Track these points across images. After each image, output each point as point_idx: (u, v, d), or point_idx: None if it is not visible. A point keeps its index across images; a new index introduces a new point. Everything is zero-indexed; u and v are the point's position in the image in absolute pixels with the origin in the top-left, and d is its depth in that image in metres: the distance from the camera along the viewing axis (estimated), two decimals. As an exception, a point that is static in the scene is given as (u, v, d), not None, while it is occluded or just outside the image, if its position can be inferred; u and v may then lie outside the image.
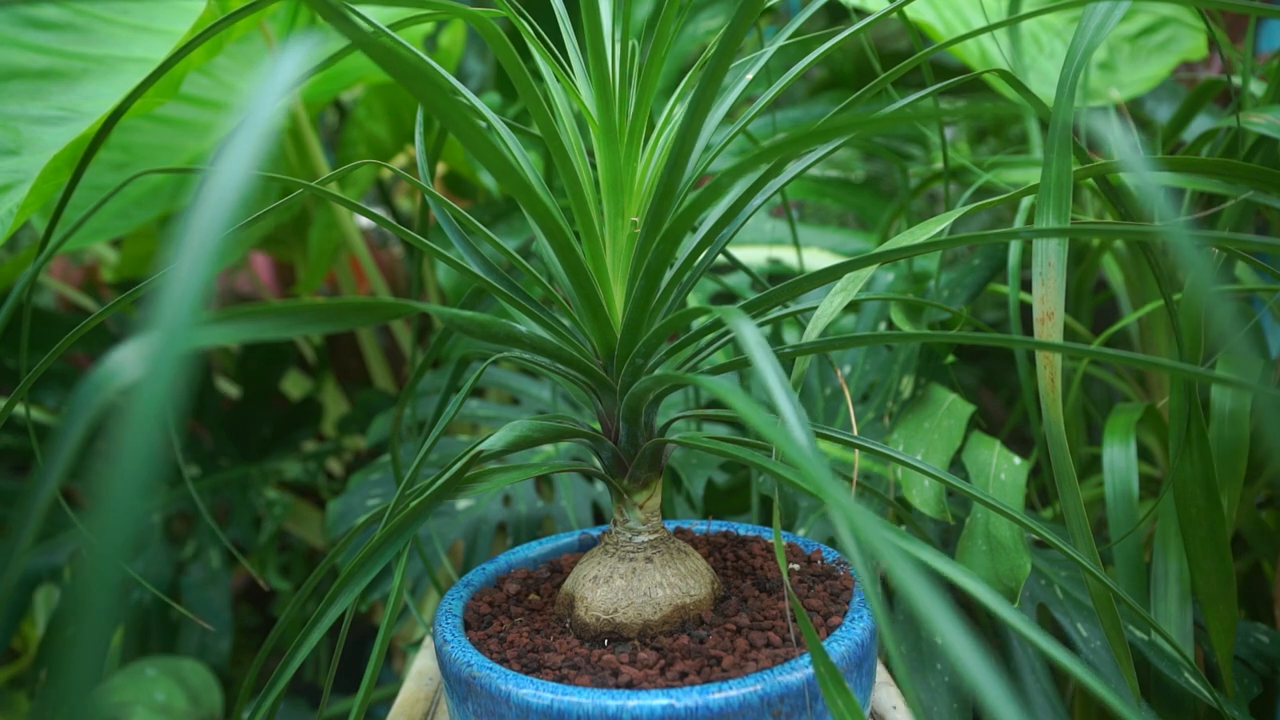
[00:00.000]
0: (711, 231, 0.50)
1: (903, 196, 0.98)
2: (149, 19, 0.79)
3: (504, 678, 0.45)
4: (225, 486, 1.22)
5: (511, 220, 1.06)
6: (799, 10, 0.54)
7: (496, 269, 0.54)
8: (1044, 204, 0.45)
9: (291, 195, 0.52)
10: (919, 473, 0.64)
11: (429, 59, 0.49)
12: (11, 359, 1.16)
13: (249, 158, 0.20)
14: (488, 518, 0.86)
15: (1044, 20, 1.05)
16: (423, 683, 0.67)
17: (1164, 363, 0.38)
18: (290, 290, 1.65)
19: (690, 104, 0.38)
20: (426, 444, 0.51)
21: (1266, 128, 0.60)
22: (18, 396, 0.44)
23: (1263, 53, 1.12)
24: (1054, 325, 0.45)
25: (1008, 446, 0.70)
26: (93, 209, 0.49)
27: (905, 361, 0.85)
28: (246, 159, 0.20)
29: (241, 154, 0.20)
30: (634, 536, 0.53)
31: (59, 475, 0.21)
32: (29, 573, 1.05)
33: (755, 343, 0.32)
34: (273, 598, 1.36)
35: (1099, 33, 0.47)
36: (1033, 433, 0.70)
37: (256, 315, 0.28)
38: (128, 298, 0.43)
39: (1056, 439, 0.46)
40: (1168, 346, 0.89)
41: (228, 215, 0.19)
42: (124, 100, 0.48)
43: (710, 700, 0.42)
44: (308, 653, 0.44)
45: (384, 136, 1.20)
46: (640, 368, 0.48)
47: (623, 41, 0.49)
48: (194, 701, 0.98)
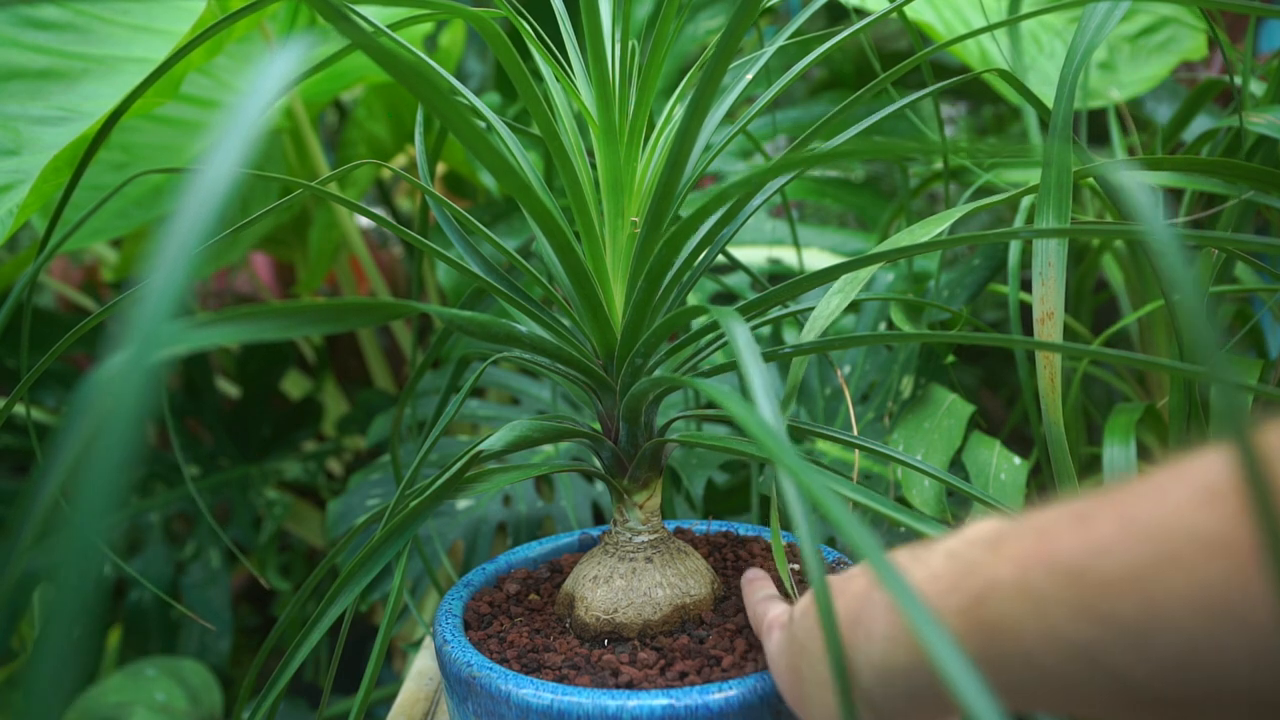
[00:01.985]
0: (711, 231, 0.50)
1: (903, 196, 0.98)
2: (149, 19, 0.79)
3: (504, 678, 0.45)
4: (225, 486, 1.22)
5: (511, 220, 1.06)
6: (799, 10, 0.54)
7: (496, 269, 0.54)
8: (1044, 204, 0.45)
9: (291, 195, 0.52)
10: (919, 473, 0.64)
11: (429, 59, 0.49)
12: (11, 359, 1.17)
13: (234, 158, 0.20)
14: (488, 518, 0.86)
15: (1044, 20, 1.05)
16: (423, 683, 0.67)
17: (1164, 363, 0.38)
18: (290, 290, 1.65)
19: (690, 104, 0.38)
20: (426, 444, 0.51)
21: (1266, 128, 0.60)
22: (17, 396, 0.44)
23: (1263, 53, 1.12)
24: (1054, 325, 0.45)
25: (1008, 446, 0.70)
26: (93, 209, 0.49)
27: (905, 361, 0.85)
28: (231, 159, 0.20)
29: (226, 154, 0.20)
30: (634, 536, 0.53)
31: (59, 475, 0.21)
32: (29, 573, 1.05)
33: (745, 345, 0.32)
34: (273, 598, 1.36)
35: (1099, 33, 0.47)
36: (1033, 433, 0.70)
37: (257, 315, 0.28)
38: (128, 297, 0.43)
39: (1056, 439, 0.46)
40: (1168, 346, 0.89)
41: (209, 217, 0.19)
42: (124, 100, 0.48)
43: (710, 700, 0.42)
44: (308, 653, 0.44)
45: (384, 136, 1.20)
46: (640, 368, 0.48)
47: (623, 41, 0.49)
48: (194, 701, 0.98)
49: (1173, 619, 0.23)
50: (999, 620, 0.27)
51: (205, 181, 0.20)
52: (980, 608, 0.28)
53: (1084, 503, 0.26)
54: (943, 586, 0.29)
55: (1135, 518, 0.24)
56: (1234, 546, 0.22)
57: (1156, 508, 0.24)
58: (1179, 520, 0.24)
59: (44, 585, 1.06)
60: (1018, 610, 0.27)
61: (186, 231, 0.19)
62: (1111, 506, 0.25)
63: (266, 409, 1.29)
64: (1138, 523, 0.24)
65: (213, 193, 0.19)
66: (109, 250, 1.49)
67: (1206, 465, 0.24)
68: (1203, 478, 0.24)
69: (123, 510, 1.14)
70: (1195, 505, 0.23)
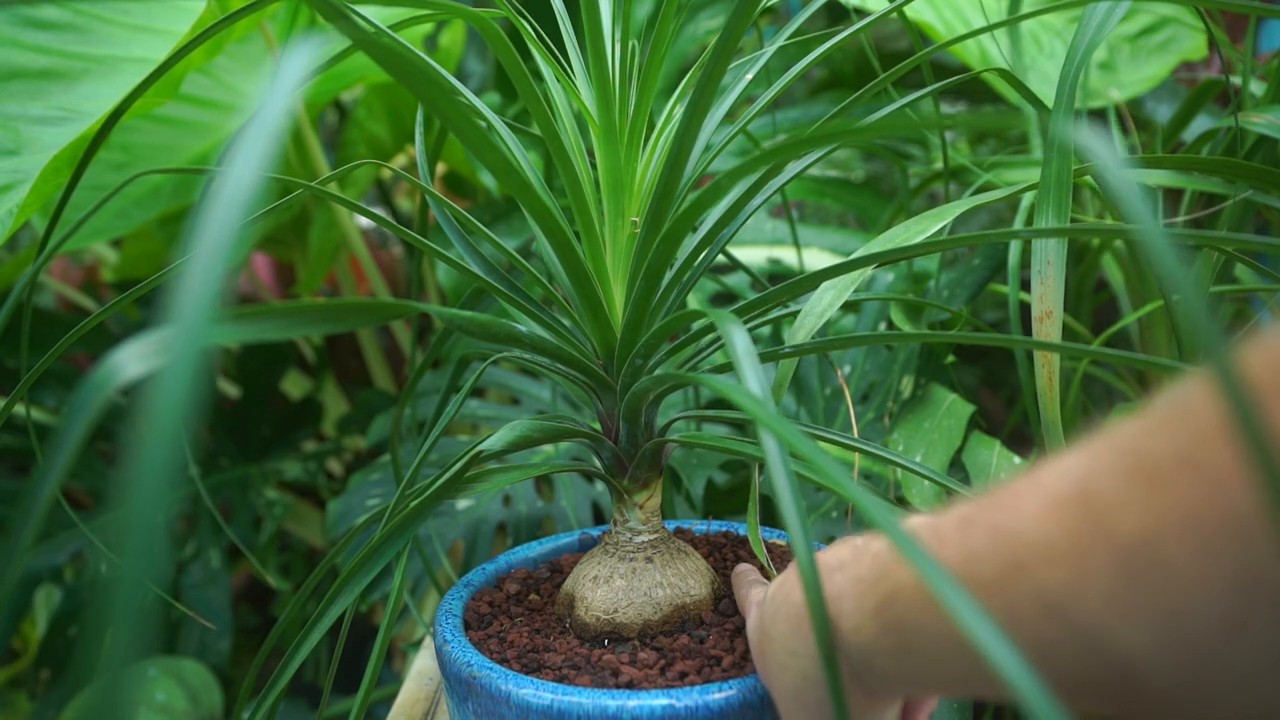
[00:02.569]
0: (711, 231, 0.50)
1: (903, 196, 0.98)
2: (149, 19, 0.79)
3: (504, 678, 0.45)
4: (225, 486, 1.22)
5: (511, 220, 1.06)
6: (799, 10, 0.54)
7: (496, 269, 0.54)
8: (1043, 203, 0.45)
9: (291, 195, 0.52)
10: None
11: (429, 59, 0.49)
12: (11, 359, 1.16)
13: (260, 158, 0.20)
14: (488, 518, 0.86)
15: (1044, 20, 1.05)
16: (423, 683, 0.67)
17: (1164, 363, 0.38)
18: (290, 290, 1.65)
19: (689, 104, 0.38)
20: (426, 444, 0.51)
21: (1266, 127, 0.60)
22: (17, 396, 0.44)
23: (1263, 53, 1.12)
24: (1052, 324, 0.45)
25: (1008, 446, 0.70)
26: (93, 209, 0.49)
27: (905, 361, 0.85)
28: (257, 159, 0.20)
29: (252, 153, 0.20)
30: (634, 536, 0.53)
31: (59, 475, 0.21)
32: (29, 573, 1.05)
33: (743, 350, 0.32)
34: (273, 598, 1.36)
35: (1099, 33, 0.47)
36: (1033, 433, 0.70)
37: (257, 315, 0.28)
38: (128, 298, 0.43)
39: (1055, 439, 0.46)
40: (1168, 346, 0.89)
41: (240, 214, 0.19)
42: (124, 100, 0.48)
43: (710, 700, 0.42)
44: (308, 653, 0.44)
45: (384, 136, 1.20)
46: (640, 368, 0.48)
47: (623, 41, 0.49)
48: (194, 701, 0.98)
49: (1024, 621, 0.26)
50: (903, 618, 0.31)
51: (235, 178, 0.20)
52: (890, 607, 0.32)
53: (973, 506, 0.30)
54: (864, 588, 0.33)
55: (999, 526, 0.28)
56: (1069, 556, 0.25)
57: (1013, 517, 0.27)
58: (1029, 529, 0.27)
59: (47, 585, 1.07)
60: (916, 609, 0.31)
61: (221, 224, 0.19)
62: (986, 512, 0.29)
63: (266, 409, 1.29)
64: (1000, 532, 0.27)
65: (243, 190, 0.19)
66: (109, 250, 1.50)
67: (1056, 474, 0.27)
68: (1051, 488, 0.27)
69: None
70: (1041, 515, 0.26)
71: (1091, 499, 0.25)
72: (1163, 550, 0.24)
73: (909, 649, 0.31)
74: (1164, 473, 0.24)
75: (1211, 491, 0.23)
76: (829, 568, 0.35)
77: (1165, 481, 0.24)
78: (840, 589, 0.34)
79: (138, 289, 0.44)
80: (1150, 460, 0.24)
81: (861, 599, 0.33)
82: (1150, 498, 0.24)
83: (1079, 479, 0.26)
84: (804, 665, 0.37)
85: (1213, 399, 0.23)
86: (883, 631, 0.32)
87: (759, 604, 0.42)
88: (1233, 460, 0.22)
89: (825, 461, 0.26)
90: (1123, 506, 0.24)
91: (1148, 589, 0.24)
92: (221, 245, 0.18)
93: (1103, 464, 0.25)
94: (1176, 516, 0.23)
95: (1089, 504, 0.25)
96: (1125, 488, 0.24)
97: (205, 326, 0.17)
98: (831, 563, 0.36)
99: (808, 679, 0.37)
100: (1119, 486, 0.25)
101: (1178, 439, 0.24)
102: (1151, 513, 0.24)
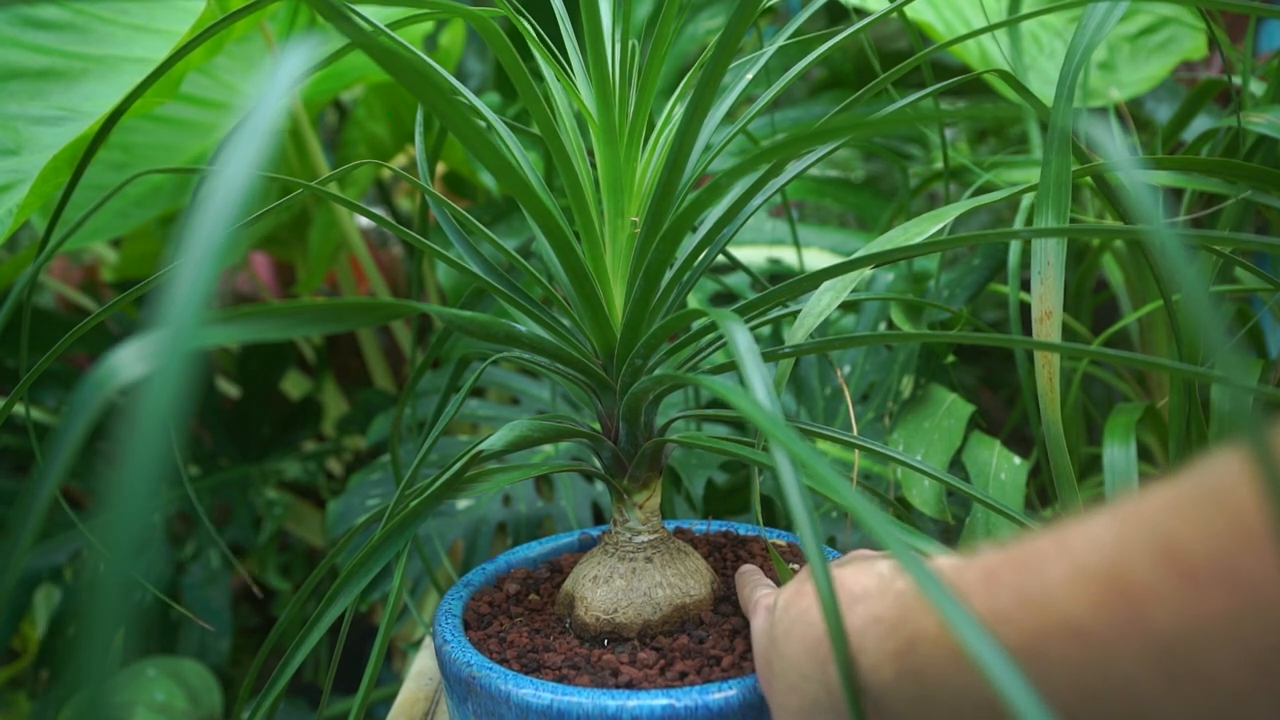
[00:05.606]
0: (711, 231, 0.50)
1: (903, 196, 0.98)
2: (149, 19, 0.79)
3: (504, 678, 0.45)
4: (225, 486, 1.22)
5: (511, 220, 1.06)
6: (799, 10, 0.54)
7: (496, 269, 0.54)
8: (1043, 203, 0.45)
9: (291, 195, 0.52)
10: (919, 473, 0.64)
11: (429, 59, 0.49)
12: (11, 359, 1.16)
13: (252, 157, 0.20)
14: (488, 518, 0.86)
15: (1044, 20, 1.05)
16: (423, 683, 0.67)
17: (1164, 363, 0.38)
18: (290, 290, 1.65)
19: (690, 104, 0.38)
20: (426, 444, 0.51)
21: (1266, 127, 0.60)
22: (17, 396, 0.44)
23: (1263, 53, 1.12)
24: (1052, 324, 0.45)
25: (1008, 446, 0.70)
26: (93, 209, 0.49)
27: (905, 361, 0.84)
28: (250, 158, 0.20)
29: (245, 153, 0.20)
30: (634, 536, 0.53)
31: (59, 475, 0.21)
32: (29, 573, 1.05)
33: (746, 348, 0.32)
34: (273, 598, 1.36)
35: (1099, 32, 0.47)
36: (1033, 433, 0.70)
37: (257, 315, 0.28)
38: (128, 297, 0.43)
39: (1055, 439, 0.46)
40: (1168, 346, 0.89)
41: (232, 214, 0.19)
42: (124, 100, 0.48)
43: (710, 700, 0.42)
44: (308, 653, 0.44)
45: (384, 136, 1.20)
46: (640, 368, 0.48)
47: (623, 41, 0.49)
48: (194, 701, 0.98)
49: (1051, 689, 0.26)
50: (924, 668, 0.31)
51: (226, 179, 0.20)
52: (911, 654, 0.31)
53: (997, 559, 0.29)
54: (884, 629, 0.33)
55: (1024, 589, 0.28)
56: (1096, 636, 0.25)
57: (1040, 582, 0.27)
58: (1056, 600, 0.27)
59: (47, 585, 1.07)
60: (939, 661, 0.30)
61: (212, 225, 0.19)
62: (1012, 572, 0.28)
63: (266, 409, 1.29)
64: (1026, 596, 0.27)
65: (235, 190, 0.19)
66: (109, 250, 1.50)
67: (1084, 543, 0.27)
68: (1080, 558, 0.26)
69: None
70: (1069, 586, 0.26)
71: (1122, 582, 0.25)
72: (1205, 657, 0.23)
73: (929, 699, 0.31)
74: (1202, 572, 0.23)
75: (1256, 610, 0.23)
76: (851, 596, 0.35)
77: (1204, 582, 0.23)
78: (862, 624, 0.33)
79: (137, 289, 0.44)
80: (1185, 553, 0.24)
81: (883, 640, 0.32)
82: (1187, 597, 0.24)
83: (1110, 558, 0.25)
84: (816, 692, 0.36)
85: (1251, 489, 0.22)
86: (901, 677, 0.31)
87: (768, 609, 0.42)
88: (1277, 574, 0.22)
89: (835, 479, 0.26)
90: (1158, 600, 0.24)
91: (1189, 696, 0.24)
92: (212, 247, 0.18)
93: (1135, 545, 0.25)
94: (1217, 624, 0.23)
95: (1120, 588, 0.25)
96: (1159, 578, 0.24)
97: (194, 329, 0.17)
98: (855, 590, 0.35)
99: (818, 705, 0.36)
100: (1152, 575, 0.24)
101: (1216, 530, 0.23)
102: (1189, 613, 0.23)
